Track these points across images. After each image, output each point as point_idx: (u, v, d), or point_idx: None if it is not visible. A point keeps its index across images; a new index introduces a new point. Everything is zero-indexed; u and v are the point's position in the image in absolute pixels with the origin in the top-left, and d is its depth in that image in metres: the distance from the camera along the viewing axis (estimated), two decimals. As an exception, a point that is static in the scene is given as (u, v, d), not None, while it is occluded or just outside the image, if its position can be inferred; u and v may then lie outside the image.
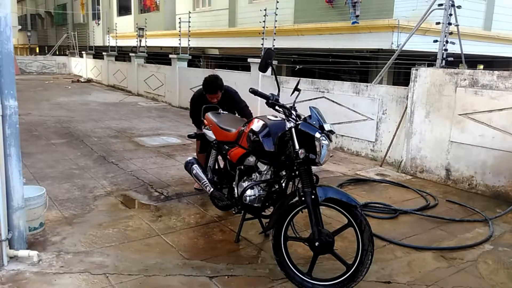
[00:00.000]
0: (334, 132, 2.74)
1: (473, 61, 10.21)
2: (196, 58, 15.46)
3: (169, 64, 12.58)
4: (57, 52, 26.39)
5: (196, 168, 3.85)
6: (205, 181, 3.71)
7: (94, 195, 4.43)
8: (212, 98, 4.25)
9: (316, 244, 2.65)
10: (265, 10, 8.98)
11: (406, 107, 5.83)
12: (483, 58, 10.88)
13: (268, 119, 3.10)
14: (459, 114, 5.16)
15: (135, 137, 7.51)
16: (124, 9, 21.93)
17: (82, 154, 6.17)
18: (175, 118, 9.98)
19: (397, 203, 4.54)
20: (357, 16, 8.84)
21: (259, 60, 3.44)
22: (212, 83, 4.21)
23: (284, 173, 3.10)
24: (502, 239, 3.77)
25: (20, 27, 26.74)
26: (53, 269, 2.89)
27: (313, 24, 10.10)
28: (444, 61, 5.78)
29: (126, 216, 3.90)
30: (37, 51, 33.95)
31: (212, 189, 3.64)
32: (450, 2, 5.77)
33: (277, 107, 2.92)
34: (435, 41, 5.87)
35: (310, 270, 2.75)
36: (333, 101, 6.95)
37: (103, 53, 18.29)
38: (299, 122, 2.76)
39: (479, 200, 4.80)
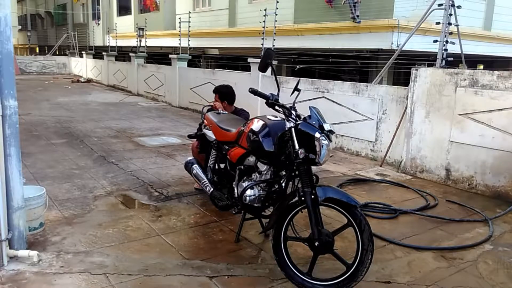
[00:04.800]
0: (334, 132, 2.74)
1: (473, 61, 10.21)
2: (196, 58, 15.45)
3: (169, 64, 12.58)
4: (57, 52, 26.39)
5: (196, 168, 3.85)
6: (205, 181, 3.72)
7: (94, 195, 4.43)
8: (216, 100, 4.41)
9: (316, 244, 2.66)
10: (265, 10, 8.98)
11: (406, 107, 5.83)
12: (483, 58, 10.88)
13: (268, 119, 3.10)
14: (459, 114, 5.16)
15: (135, 137, 7.51)
16: (124, 9, 21.93)
17: (82, 154, 6.17)
18: (175, 118, 9.98)
19: (397, 203, 4.54)
20: (357, 15, 8.85)
21: (259, 60, 3.43)
22: (220, 87, 4.48)
23: (284, 173, 3.10)
24: (502, 239, 3.77)
25: (20, 27, 26.71)
26: (53, 269, 2.89)
27: (313, 24, 10.10)
28: (444, 61, 5.79)
29: (126, 216, 3.90)
30: (37, 51, 33.94)
31: (212, 189, 3.64)
32: (450, 2, 5.77)
33: (277, 107, 2.93)
34: (435, 41, 5.87)
35: (310, 270, 2.75)
36: (333, 101, 6.95)
37: (103, 53, 18.28)
38: (299, 122, 2.76)
39: (479, 200, 4.80)
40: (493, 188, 4.92)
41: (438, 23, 5.93)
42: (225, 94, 4.42)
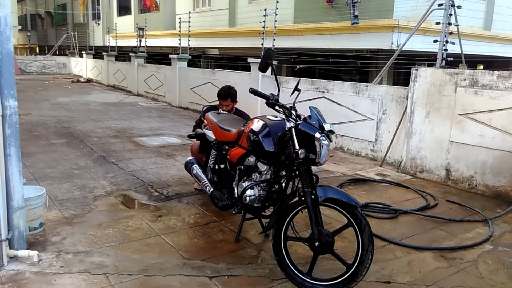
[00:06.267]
0: (334, 132, 2.74)
1: (473, 61, 10.22)
2: (196, 58, 15.45)
3: (169, 64, 12.58)
4: (57, 52, 26.38)
5: (196, 168, 3.85)
6: (205, 181, 3.72)
7: (94, 195, 4.43)
8: (223, 104, 4.34)
9: (316, 244, 2.65)
10: (265, 10, 8.97)
11: (406, 107, 5.83)
12: (483, 58, 10.88)
13: (268, 119, 3.10)
14: (459, 114, 5.16)
15: (135, 137, 7.51)
16: (124, 9, 21.93)
17: (82, 154, 6.17)
18: (175, 118, 9.98)
19: (397, 203, 4.54)
20: (356, 16, 8.84)
21: (259, 60, 3.44)
22: (224, 89, 4.39)
23: (284, 173, 3.11)
24: (502, 239, 3.77)
25: (20, 27, 26.68)
26: (53, 269, 2.89)
27: (313, 24, 10.10)
28: (444, 61, 5.78)
29: (126, 216, 3.90)
30: (37, 51, 33.93)
31: (212, 189, 3.64)
32: (450, 2, 5.77)
33: (277, 107, 2.93)
34: (435, 41, 5.86)
35: (310, 270, 2.75)
36: (333, 101, 6.95)
37: (103, 53, 18.28)
38: (299, 122, 2.76)
39: (479, 200, 4.80)
40: (493, 188, 4.92)
41: (438, 23, 5.93)
42: (222, 92, 4.36)
